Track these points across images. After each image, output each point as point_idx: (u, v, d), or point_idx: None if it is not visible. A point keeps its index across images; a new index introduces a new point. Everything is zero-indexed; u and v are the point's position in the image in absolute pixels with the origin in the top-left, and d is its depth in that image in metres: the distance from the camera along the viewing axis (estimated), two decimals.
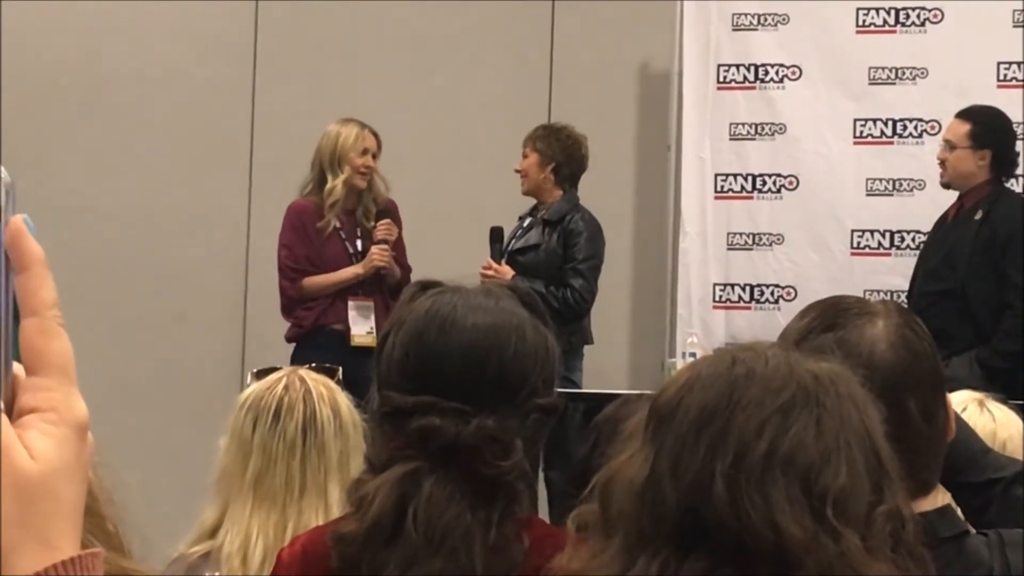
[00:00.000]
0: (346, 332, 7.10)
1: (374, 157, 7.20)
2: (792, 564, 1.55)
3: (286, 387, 2.94)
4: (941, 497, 2.15)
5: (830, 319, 2.13)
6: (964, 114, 6.99)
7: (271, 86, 8.53)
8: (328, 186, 7.14)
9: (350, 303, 7.17)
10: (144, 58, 8.51)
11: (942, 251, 6.89)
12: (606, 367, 7.84)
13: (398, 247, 7.27)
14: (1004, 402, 3.44)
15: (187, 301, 8.40)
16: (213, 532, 2.91)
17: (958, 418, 2.28)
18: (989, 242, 6.75)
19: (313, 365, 3.11)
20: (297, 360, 6.94)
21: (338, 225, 7.21)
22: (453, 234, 7.72)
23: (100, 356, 8.04)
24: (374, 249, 7.11)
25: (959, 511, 2.23)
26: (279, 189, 7.89)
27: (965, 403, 3.32)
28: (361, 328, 7.11)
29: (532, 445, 2.32)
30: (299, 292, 7.21)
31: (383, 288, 7.19)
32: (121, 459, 1.49)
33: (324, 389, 2.96)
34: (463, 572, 2.21)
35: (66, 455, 0.91)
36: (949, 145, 6.93)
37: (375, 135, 7.23)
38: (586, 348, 7.42)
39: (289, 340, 7.26)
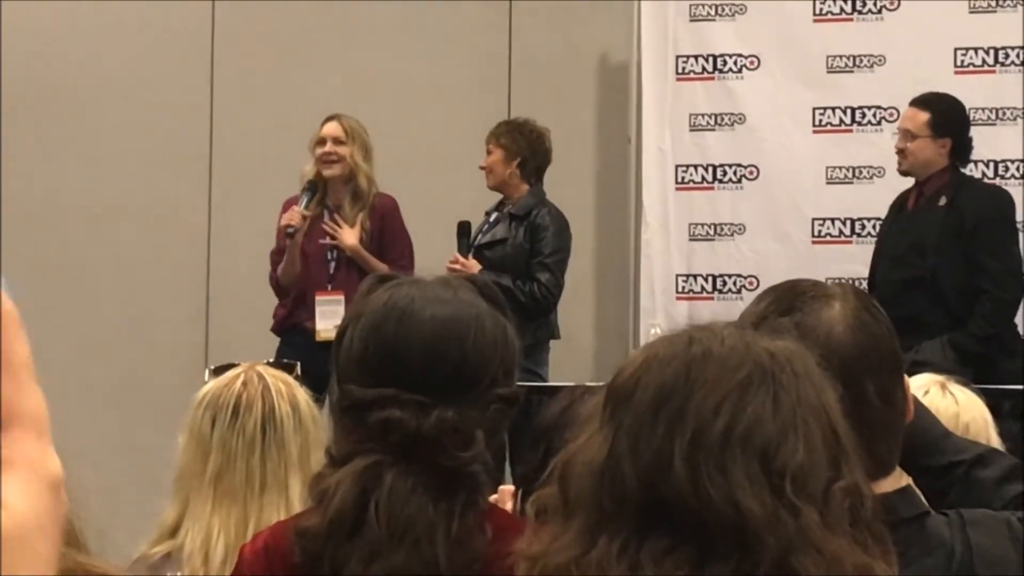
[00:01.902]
0: (313, 328, 7.13)
1: (340, 143, 7.20)
2: (752, 540, 1.55)
3: (244, 383, 2.93)
4: (902, 479, 2.15)
5: (787, 303, 2.13)
6: (920, 102, 7.00)
7: (229, 85, 8.51)
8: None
9: (318, 298, 7.19)
10: (100, 59, 8.47)
11: (906, 239, 6.90)
12: (570, 359, 7.85)
13: (394, 244, 7.28)
14: (966, 385, 3.45)
15: (148, 301, 8.37)
16: (174, 531, 2.89)
17: (918, 402, 2.28)
18: (956, 228, 6.78)
19: (270, 361, 3.10)
20: (280, 355, 7.00)
21: (325, 219, 7.26)
22: (419, 229, 7.71)
23: (63, 356, 8.01)
24: (285, 213, 7.15)
25: (920, 494, 2.23)
26: (239, 187, 7.88)
27: (927, 386, 3.33)
28: (328, 323, 7.12)
29: (493, 436, 2.32)
30: (276, 281, 7.30)
31: (358, 281, 7.19)
32: (84, 459, 1.48)
33: (282, 385, 2.94)
34: (426, 564, 2.20)
35: (40, 511, 0.90)
36: (908, 134, 6.95)
37: (343, 123, 7.23)
38: (551, 341, 7.43)
39: (274, 332, 7.34)
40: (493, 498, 2.95)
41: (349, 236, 7.16)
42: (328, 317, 7.14)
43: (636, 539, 1.57)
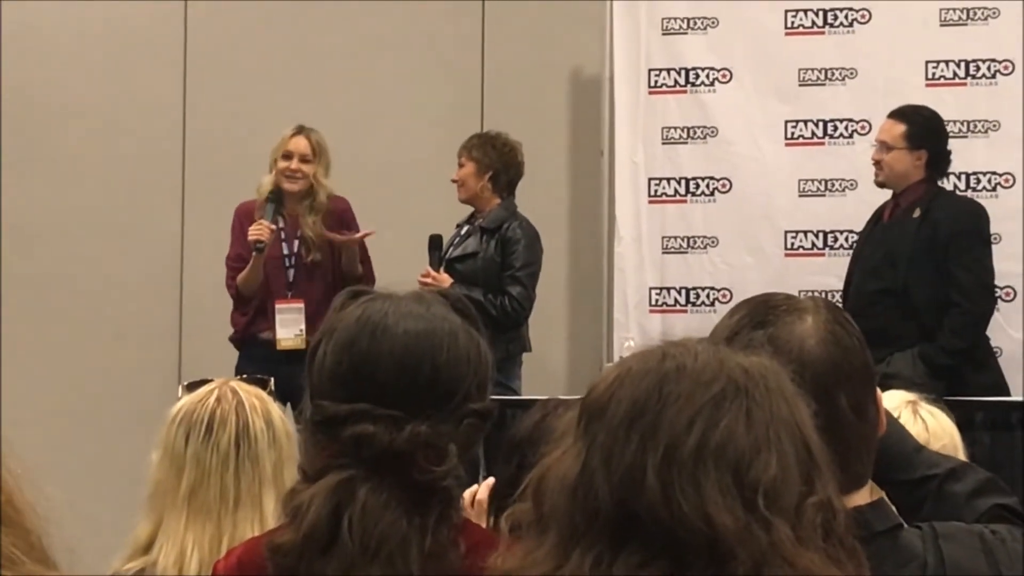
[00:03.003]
0: (273, 337, 7.12)
1: (306, 161, 7.20)
2: (724, 555, 1.55)
3: (218, 399, 2.92)
4: (875, 492, 2.15)
5: (759, 316, 2.13)
6: (898, 115, 7.02)
7: (201, 94, 8.49)
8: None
9: (277, 307, 7.17)
10: (71, 66, 8.45)
11: (880, 250, 6.92)
12: (544, 372, 7.85)
13: (358, 246, 7.30)
14: (936, 402, 3.45)
15: (121, 316, 8.35)
16: (147, 547, 2.88)
17: (889, 416, 2.29)
18: (930, 241, 6.80)
19: (244, 376, 3.10)
20: (240, 365, 6.97)
21: (281, 226, 7.22)
22: (390, 242, 7.70)
23: (35, 371, 7.99)
24: (252, 227, 7.12)
25: (893, 507, 2.24)
26: (212, 198, 7.87)
27: (899, 408, 3.33)
28: (288, 331, 7.11)
29: (467, 450, 2.32)
30: (236, 289, 7.27)
31: (317, 289, 7.18)
32: (55, 475, 1.47)
33: (256, 400, 2.94)
34: None
35: None
36: (884, 146, 6.96)
37: (312, 140, 7.22)
38: (524, 354, 7.42)
39: (233, 341, 7.32)
40: (468, 492, 2.95)
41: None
42: (288, 325, 7.13)
43: (609, 554, 1.58)
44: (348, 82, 8.43)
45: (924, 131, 6.96)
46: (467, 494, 2.77)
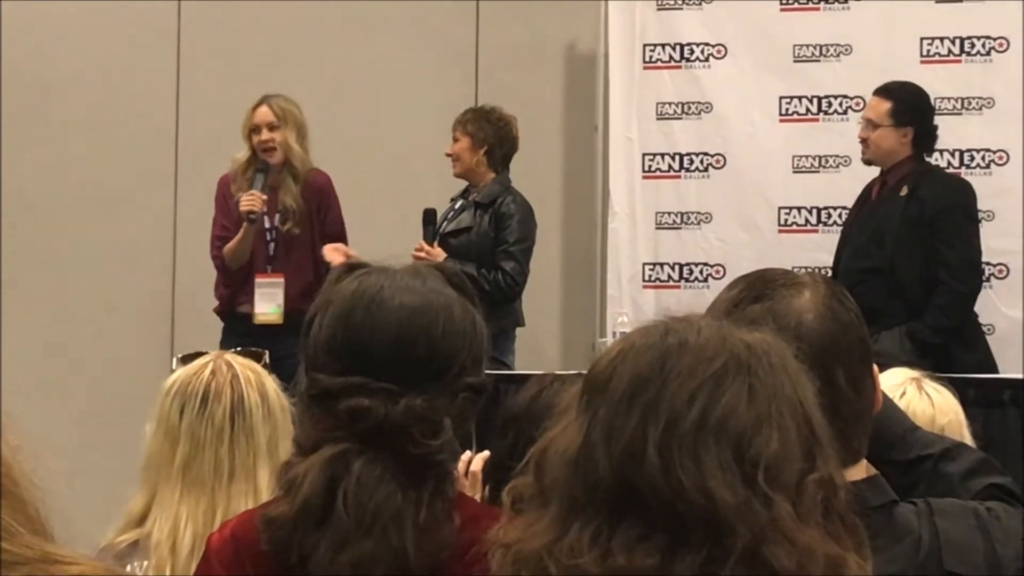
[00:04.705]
0: (251, 311, 7.12)
1: (273, 129, 7.17)
2: (724, 530, 1.55)
3: (213, 372, 2.92)
4: (870, 471, 2.15)
5: (758, 290, 2.13)
6: (883, 92, 7.01)
7: (195, 70, 8.47)
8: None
9: (257, 281, 7.16)
10: (64, 38, 8.42)
11: (868, 228, 6.92)
12: (537, 348, 7.85)
13: (330, 219, 7.25)
14: (937, 380, 3.46)
15: (115, 290, 8.34)
16: (141, 520, 2.88)
17: (884, 396, 2.29)
18: (916, 218, 6.79)
19: (239, 349, 3.09)
20: (223, 340, 6.98)
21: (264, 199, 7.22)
22: (384, 216, 7.70)
23: (30, 345, 7.98)
24: (244, 197, 7.10)
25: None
26: (205, 172, 7.85)
27: (903, 385, 3.33)
28: (266, 306, 7.10)
29: (462, 424, 2.32)
30: (221, 260, 7.25)
31: (298, 262, 7.16)
32: (51, 447, 1.47)
33: (251, 373, 2.93)
34: (394, 553, 2.20)
35: None
36: (871, 123, 6.96)
37: (274, 106, 7.18)
38: (518, 329, 7.42)
39: (217, 313, 7.33)
40: (462, 462, 2.95)
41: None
42: (267, 300, 7.12)
43: (608, 527, 1.58)
44: (342, 57, 8.41)
45: (910, 108, 6.95)
46: (460, 464, 2.77)
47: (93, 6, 8.44)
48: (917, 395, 3.31)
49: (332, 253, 6.99)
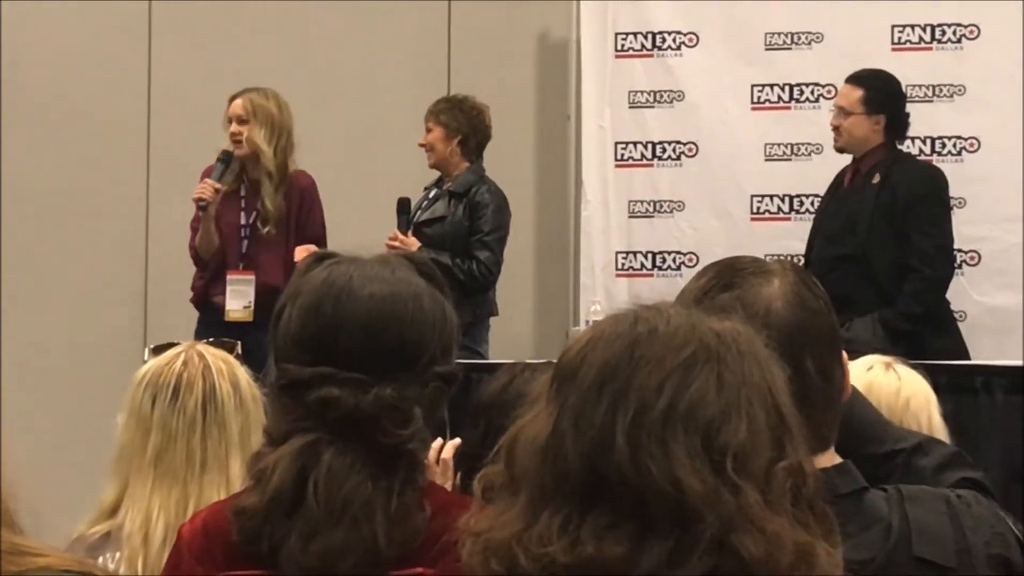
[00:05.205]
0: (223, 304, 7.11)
1: (243, 123, 7.14)
2: (692, 518, 1.56)
3: (184, 363, 2.91)
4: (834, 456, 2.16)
5: (727, 279, 2.13)
6: (855, 79, 7.02)
7: (166, 57, 8.45)
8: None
9: (229, 278, 7.14)
10: (31, 29, 8.39)
11: (841, 216, 6.93)
12: (511, 336, 7.85)
13: (310, 223, 7.22)
14: (909, 365, 3.47)
15: (87, 281, 8.32)
16: (113, 511, 2.87)
17: (855, 391, 2.29)
18: (889, 206, 6.80)
19: (211, 340, 3.09)
20: (197, 330, 6.99)
21: (243, 194, 7.19)
22: (358, 206, 7.68)
23: (1, 336, 7.95)
24: (198, 186, 7.10)
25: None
26: (177, 163, 7.84)
27: (871, 363, 3.34)
28: (237, 303, 7.09)
29: (432, 413, 2.32)
30: (195, 251, 7.24)
31: (270, 262, 7.14)
32: (21, 439, 1.46)
33: (223, 364, 2.93)
34: (365, 542, 2.20)
35: None
36: (843, 111, 6.97)
37: (245, 101, 7.14)
38: (492, 318, 7.42)
39: (193, 303, 7.31)
40: (433, 449, 2.95)
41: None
42: (238, 297, 7.10)
43: (577, 515, 1.58)
44: (313, 46, 8.40)
45: (882, 95, 6.96)
46: (431, 452, 2.77)
47: (63, 5, 8.40)
48: (883, 371, 3.33)
49: (302, 255, 6.97)
